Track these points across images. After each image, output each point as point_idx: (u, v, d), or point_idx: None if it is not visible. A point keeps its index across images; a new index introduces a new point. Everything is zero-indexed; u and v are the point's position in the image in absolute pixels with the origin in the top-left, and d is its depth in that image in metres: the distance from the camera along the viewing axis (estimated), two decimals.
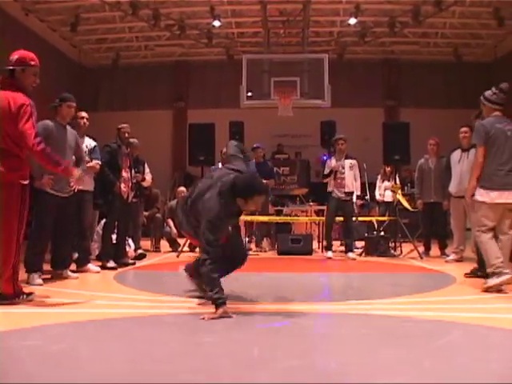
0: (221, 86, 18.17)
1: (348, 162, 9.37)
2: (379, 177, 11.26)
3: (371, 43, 17.39)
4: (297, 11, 15.40)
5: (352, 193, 9.35)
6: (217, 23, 15.62)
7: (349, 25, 16.04)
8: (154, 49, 18.36)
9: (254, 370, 2.76)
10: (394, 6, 15.36)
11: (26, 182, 4.62)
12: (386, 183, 11.08)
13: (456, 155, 8.59)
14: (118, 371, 2.71)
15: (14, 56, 4.66)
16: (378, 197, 11.31)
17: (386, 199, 11.05)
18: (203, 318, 3.90)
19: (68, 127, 6.26)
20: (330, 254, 9.25)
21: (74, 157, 6.25)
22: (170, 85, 19.33)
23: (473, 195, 5.69)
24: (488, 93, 5.84)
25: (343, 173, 9.25)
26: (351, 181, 9.29)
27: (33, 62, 4.72)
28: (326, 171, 9.37)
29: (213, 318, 3.91)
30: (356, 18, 15.27)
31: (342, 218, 9.58)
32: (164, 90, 19.16)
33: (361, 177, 9.76)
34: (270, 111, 13.02)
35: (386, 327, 3.96)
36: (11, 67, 4.63)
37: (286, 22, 15.88)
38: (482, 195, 5.59)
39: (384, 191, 11.12)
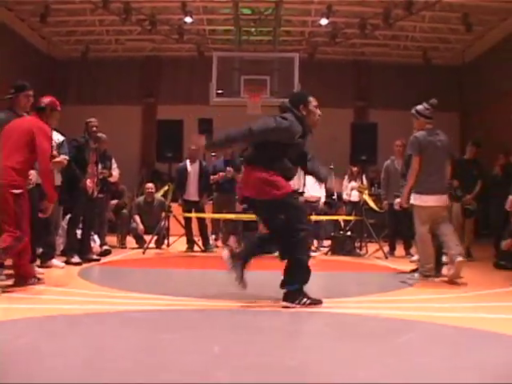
0: (191, 82, 18.09)
1: None
2: (346, 177, 11.33)
3: (342, 44, 17.50)
4: (268, 10, 15.44)
5: (300, 192, 9.30)
6: (188, 19, 15.53)
7: (320, 25, 16.08)
8: (125, 43, 18.20)
9: (212, 367, 2.76)
10: (365, 8, 15.48)
11: None
12: (353, 183, 11.16)
13: None
14: (71, 367, 2.69)
15: (47, 99, 5.73)
16: (344, 196, 11.38)
17: (352, 199, 11.13)
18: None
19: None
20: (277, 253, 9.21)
21: None
22: (140, 80, 19.21)
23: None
24: (420, 108, 6.47)
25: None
26: (297, 179, 9.26)
27: (59, 108, 5.84)
28: None
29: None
30: (327, 18, 15.33)
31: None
32: (134, 85, 19.02)
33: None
34: (239, 109, 13.01)
35: (348, 325, 4.01)
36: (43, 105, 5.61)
37: (257, 20, 15.90)
38: (415, 199, 6.28)
39: (351, 191, 11.20)
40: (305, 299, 4.47)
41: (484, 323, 4.01)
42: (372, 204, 10.59)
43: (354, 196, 11.11)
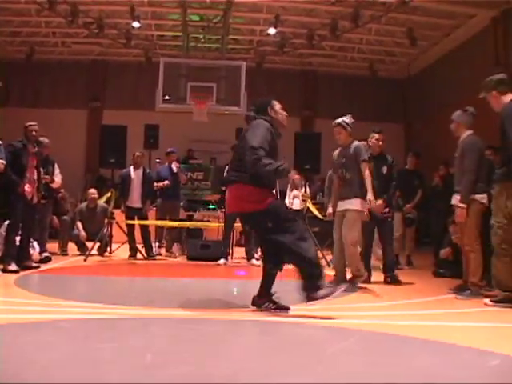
0: (138, 87, 17.94)
1: None
2: (289, 185, 11.40)
3: (290, 54, 17.67)
4: (217, 17, 15.46)
5: None
6: (136, 24, 15.37)
7: (268, 34, 16.22)
8: (71, 46, 17.88)
9: (142, 377, 2.73)
10: (313, 18, 15.68)
11: None
12: (295, 192, 11.24)
13: None
14: None
15: None
16: (287, 205, 11.43)
17: (294, 207, 11.20)
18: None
19: None
20: (221, 261, 9.27)
21: None
22: (86, 84, 18.89)
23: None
24: (349, 120, 6.70)
25: None
26: None
27: None
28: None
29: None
30: (276, 28, 15.46)
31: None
32: (79, 88, 18.70)
33: None
34: (186, 115, 12.99)
35: (285, 333, 4.03)
36: None
37: (205, 27, 15.90)
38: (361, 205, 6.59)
39: (293, 199, 11.26)
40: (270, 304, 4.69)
41: (419, 331, 4.09)
42: (316, 212, 10.68)
43: (296, 204, 11.19)
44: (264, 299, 4.84)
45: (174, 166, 10.42)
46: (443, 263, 8.34)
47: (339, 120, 6.73)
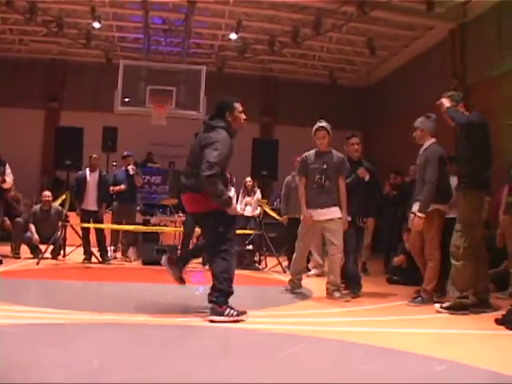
0: (97, 89, 17.70)
1: None
2: (241, 191, 11.41)
3: (251, 59, 17.72)
4: (179, 21, 15.41)
5: None
6: (97, 25, 15.20)
7: (230, 39, 16.23)
8: (30, 44, 17.54)
9: (88, 382, 2.70)
10: (275, 25, 15.76)
11: None
12: (247, 198, 11.25)
13: None
14: None
15: None
16: (238, 211, 11.41)
17: (246, 213, 11.22)
18: None
19: None
20: None
21: None
22: (43, 83, 18.49)
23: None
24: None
25: None
26: None
27: None
28: None
29: None
30: (237, 33, 15.49)
31: None
32: (37, 88, 18.30)
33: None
34: (145, 119, 12.89)
35: (231, 339, 4.02)
36: None
37: (167, 30, 15.83)
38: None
39: (245, 206, 11.27)
40: (231, 311, 4.63)
41: (368, 337, 4.13)
42: (274, 214, 10.72)
43: (248, 211, 11.21)
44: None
45: (131, 169, 10.32)
46: (397, 270, 8.45)
47: (323, 123, 6.61)
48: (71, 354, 3.30)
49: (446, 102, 5.79)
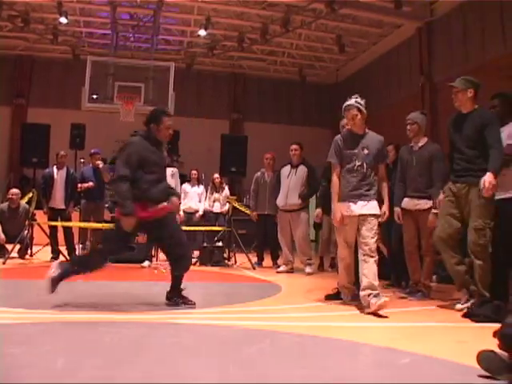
0: (65, 85, 17.52)
1: (169, 170, 9.43)
2: (209, 188, 11.40)
3: (220, 56, 17.74)
4: (147, 17, 15.32)
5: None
6: (64, 20, 15.03)
7: (199, 36, 16.20)
8: None
9: (52, 381, 2.68)
10: (244, 22, 15.79)
11: None
12: (216, 195, 11.26)
13: (285, 170, 9.05)
14: None
15: None
16: (206, 207, 11.38)
17: (214, 210, 11.22)
18: None
19: None
20: (146, 263, 9.17)
21: None
22: (10, 79, 18.24)
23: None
24: (363, 101, 5.59)
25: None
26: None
27: None
28: None
29: None
30: (206, 30, 15.48)
31: None
32: (3, 84, 18.04)
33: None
34: (113, 115, 12.79)
35: (201, 336, 4.01)
36: None
37: (135, 26, 15.73)
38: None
39: (213, 202, 11.27)
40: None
41: (334, 331, 4.16)
42: (242, 208, 10.73)
43: (217, 207, 11.22)
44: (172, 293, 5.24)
45: (100, 163, 10.22)
46: None
47: (351, 100, 5.53)
48: (36, 354, 3.26)
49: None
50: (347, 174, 5.44)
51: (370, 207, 5.34)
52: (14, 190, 10.48)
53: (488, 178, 4.96)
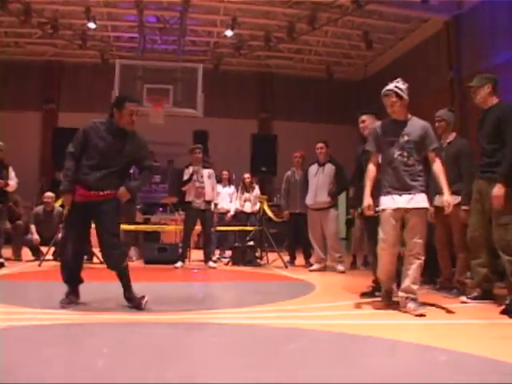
0: (94, 89, 17.69)
1: (206, 172, 9.48)
2: (240, 188, 11.39)
3: (247, 56, 17.73)
4: (174, 19, 15.40)
5: (211, 202, 9.46)
6: (92, 25, 15.18)
7: (225, 36, 16.22)
8: (25, 46, 17.53)
9: (92, 382, 2.71)
10: (270, 21, 15.77)
11: None
12: (246, 194, 11.23)
13: (313, 169, 9.04)
14: None
15: None
16: (237, 207, 11.36)
17: (245, 210, 11.20)
18: None
19: None
20: (178, 264, 9.19)
21: None
22: (40, 85, 18.53)
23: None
24: (404, 86, 5.30)
25: (202, 182, 9.33)
26: (210, 190, 9.39)
27: None
28: (185, 178, 9.42)
29: None
30: (232, 30, 15.48)
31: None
32: (34, 90, 18.34)
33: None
34: (142, 118, 12.80)
35: (239, 336, 4.02)
36: None
37: (162, 29, 15.82)
38: None
39: (244, 202, 11.25)
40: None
41: (373, 329, 4.13)
42: (270, 214, 10.72)
43: (247, 207, 11.20)
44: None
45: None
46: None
47: (391, 85, 5.21)
48: (75, 354, 3.30)
49: None
50: (387, 165, 5.09)
51: (417, 200, 4.93)
52: (49, 194, 10.63)
53: (495, 192, 4.95)
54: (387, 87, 5.18)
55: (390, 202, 4.99)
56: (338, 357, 3.41)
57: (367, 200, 5.04)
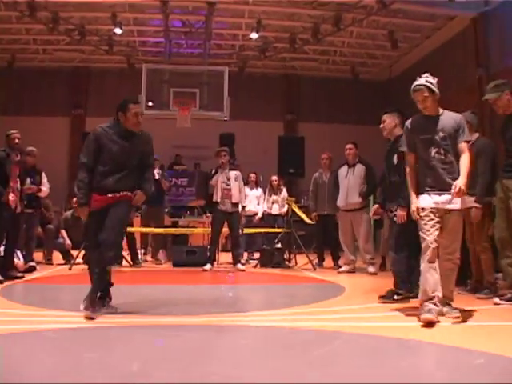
0: (120, 94, 17.67)
1: (233, 174, 9.48)
2: (267, 190, 11.37)
3: (272, 58, 17.73)
4: (199, 23, 15.48)
5: (238, 204, 9.48)
6: (118, 31, 15.33)
7: (250, 39, 16.24)
8: (53, 53, 17.76)
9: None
10: (295, 22, 15.76)
11: None
12: (274, 197, 11.21)
13: (343, 171, 9.01)
14: None
15: None
16: (265, 209, 11.34)
17: (273, 212, 11.18)
18: None
19: None
20: (207, 266, 9.21)
21: None
22: (67, 91, 18.78)
23: None
24: (434, 80, 4.92)
25: (229, 184, 9.34)
26: (237, 192, 9.40)
27: None
28: (213, 182, 9.43)
29: None
30: (258, 32, 15.49)
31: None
32: (61, 96, 18.59)
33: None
34: (169, 121, 12.96)
35: (269, 338, 4.03)
36: None
37: (188, 33, 15.90)
38: None
39: (272, 204, 11.23)
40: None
41: (405, 331, 4.10)
42: (303, 216, 10.70)
43: (275, 209, 11.17)
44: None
45: (156, 174, 10.36)
46: None
47: (421, 80, 4.86)
48: (112, 357, 3.34)
49: None
50: (424, 164, 4.77)
51: (456, 201, 4.58)
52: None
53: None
54: (417, 82, 4.83)
55: (430, 201, 4.66)
56: (369, 359, 3.39)
57: (414, 204, 4.73)
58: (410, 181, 4.88)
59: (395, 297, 5.64)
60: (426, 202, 4.67)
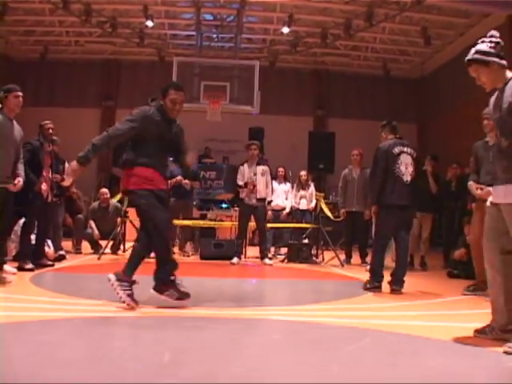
0: (151, 86, 17.85)
1: (260, 169, 9.43)
2: (295, 185, 11.28)
3: (303, 53, 17.68)
4: (230, 17, 15.49)
5: (264, 199, 9.42)
6: (150, 23, 15.43)
7: (282, 33, 16.21)
8: (85, 45, 18.00)
9: (160, 376, 2.74)
10: (327, 17, 15.69)
11: None
12: (302, 192, 11.13)
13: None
14: (16, 377, 2.62)
15: None
16: (293, 204, 11.26)
17: (301, 207, 11.10)
18: None
19: (15, 122, 6.15)
20: (234, 260, 9.20)
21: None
22: (99, 83, 19.01)
23: None
24: (486, 47, 4.01)
25: (255, 179, 9.29)
26: (263, 187, 9.35)
27: None
28: (239, 179, 9.39)
29: None
30: (289, 27, 15.46)
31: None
32: (93, 87, 18.82)
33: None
34: (199, 114, 12.98)
35: (298, 333, 4.01)
36: None
37: (219, 26, 15.93)
38: None
39: (300, 199, 11.15)
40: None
41: (434, 331, 4.05)
42: (328, 212, 10.63)
43: (303, 204, 11.08)
44: (168, 286, 4.80)
45: (185, 184, 10.32)
46: (458, 264, 8.25)
47: (471, 52, 3.98)
48: (142, 347, 3.35)
49: None
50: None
51: (508, 193, 3.62)
52: (104, 190, 10.88)
53: None
54: (467, 58, 3.98)
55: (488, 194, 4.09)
56: (397, 357, 3.35)
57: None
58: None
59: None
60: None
